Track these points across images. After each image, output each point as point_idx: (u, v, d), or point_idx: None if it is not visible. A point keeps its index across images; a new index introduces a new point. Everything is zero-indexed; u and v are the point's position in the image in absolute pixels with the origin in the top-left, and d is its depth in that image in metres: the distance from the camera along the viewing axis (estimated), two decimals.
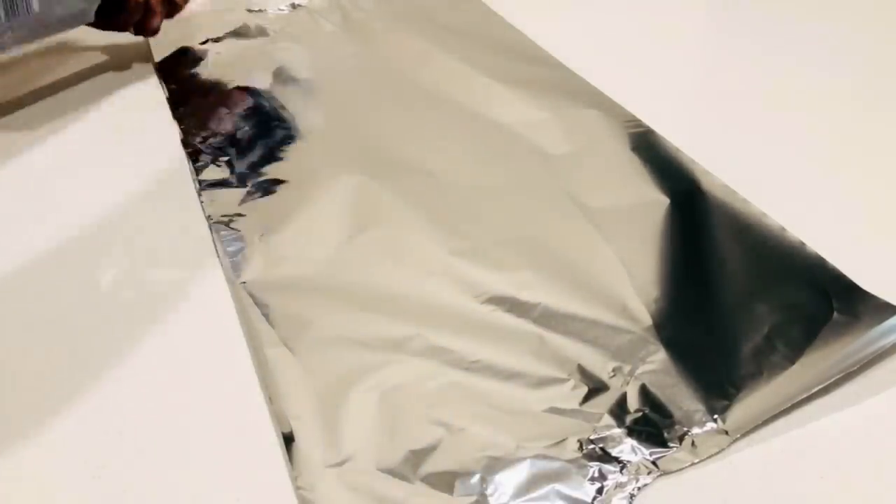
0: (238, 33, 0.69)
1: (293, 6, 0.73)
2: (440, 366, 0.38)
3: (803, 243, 0.43)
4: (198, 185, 0.51)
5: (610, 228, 0.45)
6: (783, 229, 0.44)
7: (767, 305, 0.40)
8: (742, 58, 0.62)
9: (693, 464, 0.34)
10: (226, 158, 0.53)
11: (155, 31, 0.62)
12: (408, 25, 0.67)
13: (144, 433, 0.36)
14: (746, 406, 0.35)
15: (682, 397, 0.36)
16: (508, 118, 0.55)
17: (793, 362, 0.37)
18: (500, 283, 0.42)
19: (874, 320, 0.38)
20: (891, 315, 0.38)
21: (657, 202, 0.47)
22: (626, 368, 0.37)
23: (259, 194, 0.50)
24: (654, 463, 0.34)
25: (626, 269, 0.43)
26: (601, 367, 0.38)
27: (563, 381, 0.37)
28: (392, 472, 0.34)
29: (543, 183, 0.49)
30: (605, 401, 0.36)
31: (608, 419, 0.35)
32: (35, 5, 0.46)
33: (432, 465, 0.34)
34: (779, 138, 0.53)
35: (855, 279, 0.41)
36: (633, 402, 0.36)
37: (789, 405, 0.35)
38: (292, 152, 0.54)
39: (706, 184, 0.47)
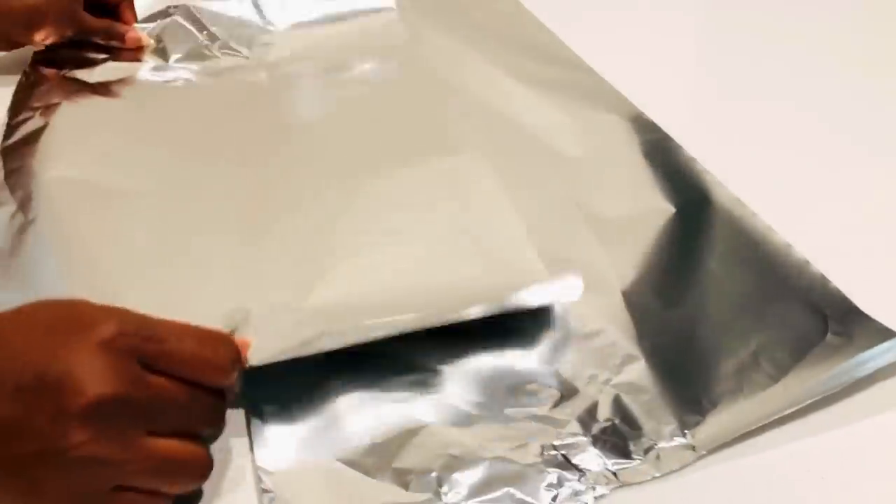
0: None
1: None
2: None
3: (808, 262, 0.41)
4: None
5: (608, 234, 0.44)
6: (789, 246, 0.42)
7: (759, 322, 0.39)
8: (775, 72, 0.60)
9: (654, 477, 0.33)
10: None
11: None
12: (439, 22, 0.66)
13: None
14: (719, 422, 0.34)
15: (654, 409, 0.35)
16: (528, 119, 0.54)
17: (776, 381, 0.36)
18: None
19: (868, 343, 0.36)
20: (887, 339, 0.36)
21: (661, 210, 0.46)
22: (603, 376, 0.37)
23: None
24: (614, 474, 0.33)
25: (617, 276, 0.42)
26: (577, 372, 0.37)
27: (536, 384, 0.37)
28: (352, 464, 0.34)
29: (549, 184, 0.48)
30: (576, 407, 0.35)
31: (575, 426, 0.35)
32: None
33: (394, 460, 0.34)
34: (806, 156, 0.51)
35: (859, 303, 0.39)
36: (604, 412, 0.35)
37: (762, 424, 0.34)
38: None
39: (715, 195, 0.46)
